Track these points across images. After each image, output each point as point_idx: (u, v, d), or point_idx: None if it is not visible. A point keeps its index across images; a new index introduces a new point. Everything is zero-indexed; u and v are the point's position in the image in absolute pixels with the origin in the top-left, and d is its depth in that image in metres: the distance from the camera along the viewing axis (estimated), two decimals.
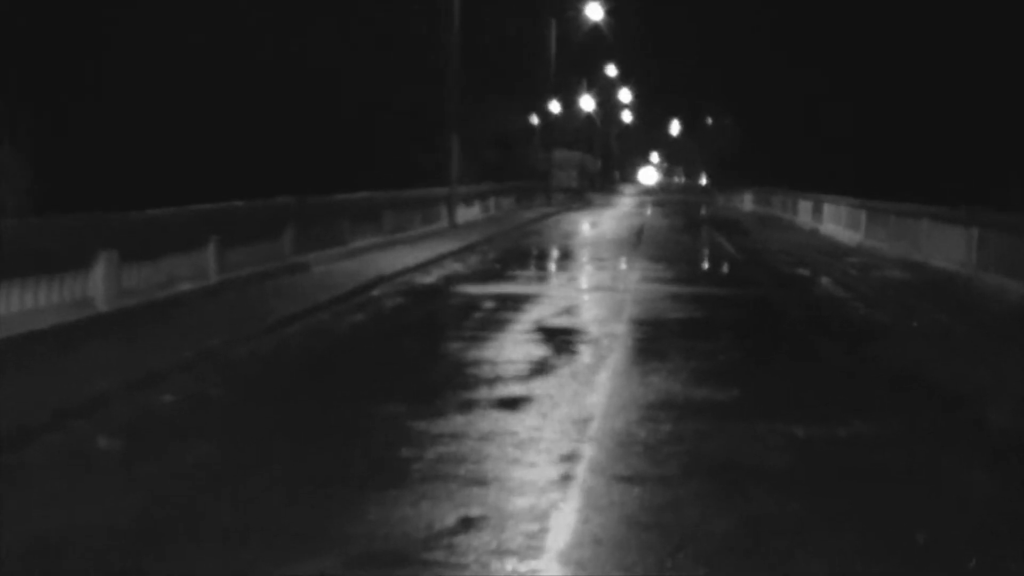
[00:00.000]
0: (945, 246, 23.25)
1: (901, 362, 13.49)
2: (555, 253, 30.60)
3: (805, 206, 44.25)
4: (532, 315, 16.78)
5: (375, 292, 19.32)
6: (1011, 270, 19.02)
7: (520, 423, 9.71)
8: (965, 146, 30.50)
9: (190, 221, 16.88)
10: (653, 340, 14.69)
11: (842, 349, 14.51)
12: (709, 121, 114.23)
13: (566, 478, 8.04)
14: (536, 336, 14.70)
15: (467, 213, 39.10)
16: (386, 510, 7.30)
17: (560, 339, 14.47)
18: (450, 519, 7.12)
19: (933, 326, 16.30)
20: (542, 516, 7.21)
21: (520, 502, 7.49)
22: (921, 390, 11.78)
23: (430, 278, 22.02)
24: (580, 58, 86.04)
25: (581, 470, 8.26)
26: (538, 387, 11.31)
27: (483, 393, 11.01)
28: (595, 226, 45.41)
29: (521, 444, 9.00)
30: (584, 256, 29.48)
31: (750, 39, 65.80)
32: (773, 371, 12.78)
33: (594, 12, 71.13)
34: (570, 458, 8.58)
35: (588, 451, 8.80)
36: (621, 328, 15.67)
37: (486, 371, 12.22)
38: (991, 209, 21.41)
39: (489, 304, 18.08)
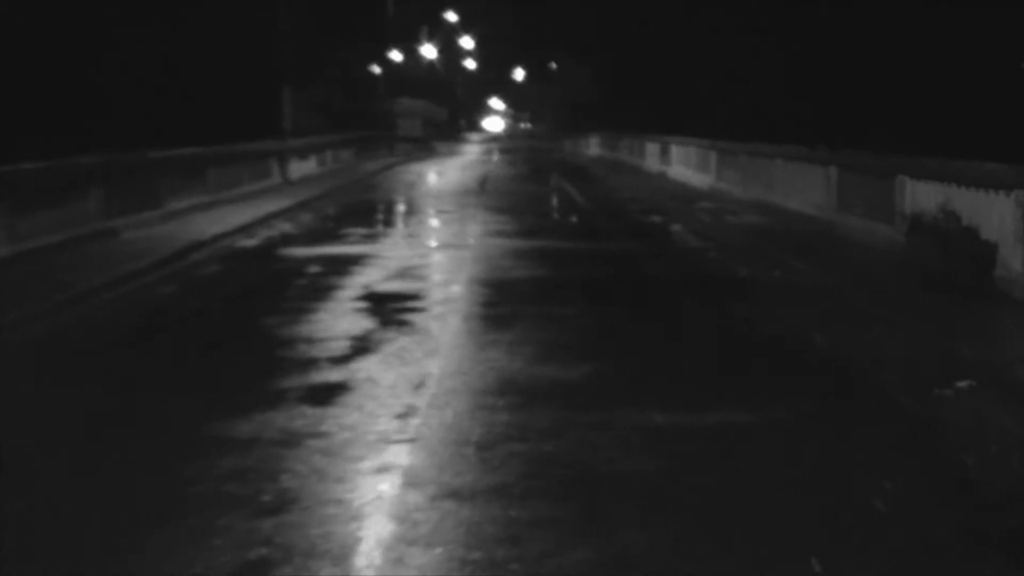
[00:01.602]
0: (802, 188, 22.18)
1: (767, 324, 12.09)
2: (393, 207, 28.84)
3: (652, 149, 43.24)
4: (362, 279, 15.17)
5: (190, 259, 17.44)
6: (874, 212, 17.95)
7: (332, 421, 8.11)
8: (828, 88, 29.44)
9: None
10: (494, 305, 13.18)
11: (703, 310, 12.99)
12: (554, 66, 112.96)
13: (377, 498, 6.48)
14: (363, 305, 13.11)
15: (303, 167, 37.05)
16: (137, 562, 5.67)
17: (390, 308, 12.90)
18: (221, 569, 5.54)
19: (798, 278, 15.09)
20: (341, 556, 5.67)
21: (316, 535, 5.93)
22: (792, 359, 10.42)
23: (254, 241, 20.17)
24: (420, 4, 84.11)
25: (396, 484, 6.71)
26: (358, 370, 9.73)
27: (293, 381, 9.38)
28: (438, 176, 43.72)
29: (330, 450, 7.41)
30: (424, 209, 27.77)
31: None
32: (628, 340, 11.31)
33: None
34: (386, 468, 7.01)
35: (408, 457, 7.24)
36: (458, 291, 14.17)
37: (301, 352, 10.59)
38: (855, 150, 20.33)
39: (315, 268, 16.39)
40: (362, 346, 10.76)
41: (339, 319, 12.25)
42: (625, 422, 8.06)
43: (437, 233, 21.91)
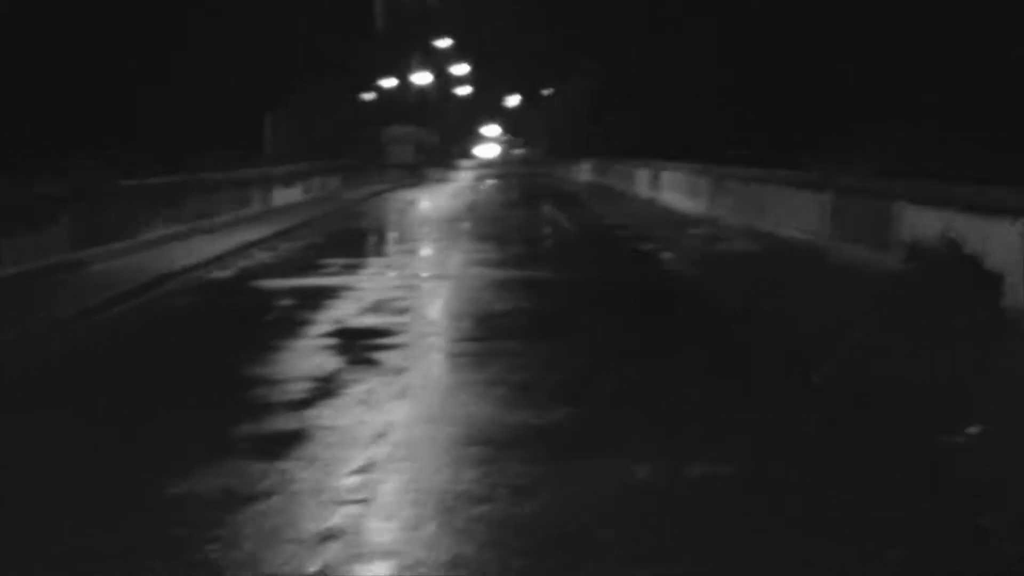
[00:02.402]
0: (796, 214, 21.39)
1: (767, 352, 11.34)
2: (376, 236, 28.11)
3: (642, 175, 42.51)
4: (336, 313, 14.40)
5: (155, 293, 16.63)
6: (870, 239, 17.15)
7: (278, 477, 7.29)
8: (818, 106, 28.61)
9: None
10: (470, 341, 12.39)
11: (694, 343, 12.10)
12: (547, 92, 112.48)
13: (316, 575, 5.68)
14: (333, 342, 12.31)
15: (287, 195, 36.31)
16: None
17: (360, 345, 12.11)
18: None
19: (794, 306, 14.24)
20: None
21: None
22: (791, 394, 9.61)
23: (227, 272, 19.38)
24: (412, 32, 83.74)
25: (341, 557, 5.89)
26: (318, 417, 8.92)
27: (244, 429, 8.58)
28: (426, 204, 43.01)
29: (271, 512, 6.59)
30: (408, 238, 27.05)
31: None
32: (612, 379, 10.44)
33: None
34: (332, 536, 6.19)
35: (358, 521, 6.43)
36: (433, 327, 13.44)
37: (258, 395, 9.80)
38: (849, 170, 19.55)
39: (287, 301, 15.63)
40: (325, 388, 9.97)
41: (305, 358, 11.45)
42: (603, 476, 7.23)
43: (419, 263, 21.17)
